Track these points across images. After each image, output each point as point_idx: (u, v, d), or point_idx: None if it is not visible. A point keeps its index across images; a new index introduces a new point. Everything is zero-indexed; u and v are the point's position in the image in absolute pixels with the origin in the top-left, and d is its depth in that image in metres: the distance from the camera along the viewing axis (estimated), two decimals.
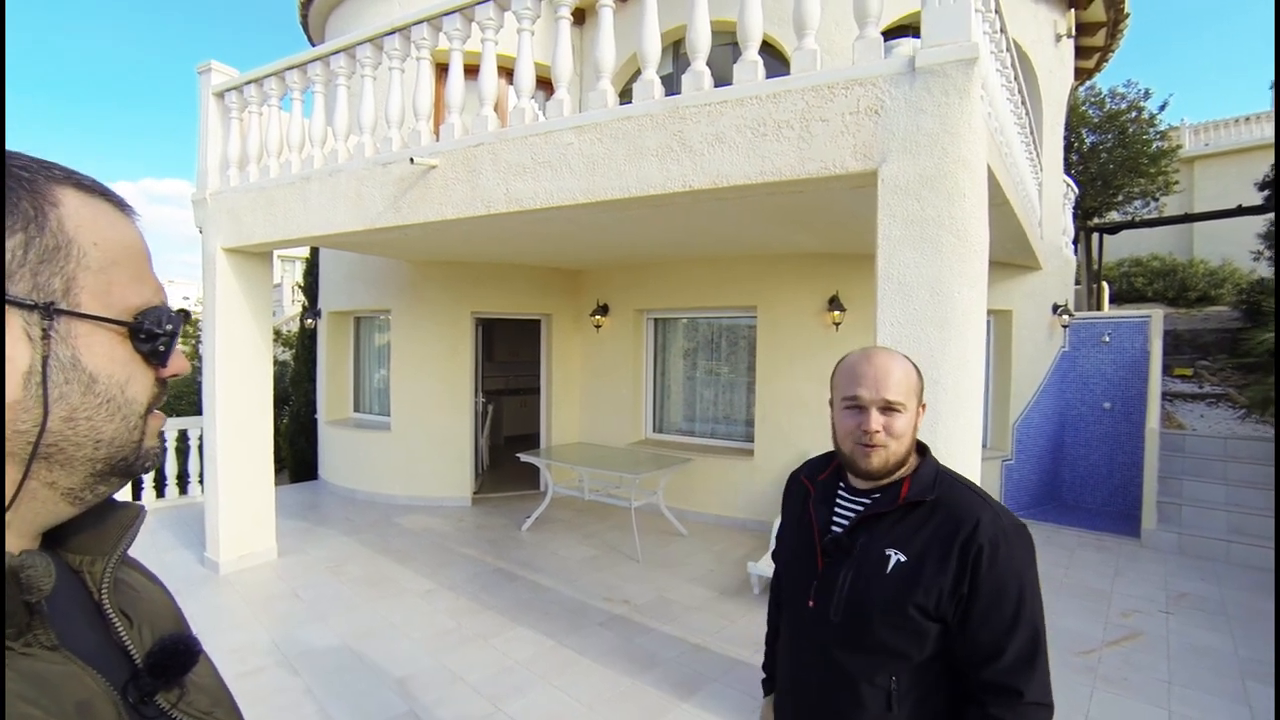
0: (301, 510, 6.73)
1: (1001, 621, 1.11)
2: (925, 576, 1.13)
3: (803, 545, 1.32)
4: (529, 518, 6.12)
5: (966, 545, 1.13)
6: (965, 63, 2.36)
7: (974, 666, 1.13)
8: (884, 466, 1.21)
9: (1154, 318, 6.74)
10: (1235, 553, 5.42)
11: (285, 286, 18.22)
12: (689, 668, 3.53)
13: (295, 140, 4.40)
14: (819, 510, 1.32)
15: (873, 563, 1.19)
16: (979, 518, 1.15)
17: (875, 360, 1.23)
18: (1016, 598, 1.11)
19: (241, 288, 4.86)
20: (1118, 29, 7.59)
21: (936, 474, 1.25)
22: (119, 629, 0.54)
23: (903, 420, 1.20)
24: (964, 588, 1.12)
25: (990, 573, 1.11)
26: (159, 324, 0.53)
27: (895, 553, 1.18)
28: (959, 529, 1.14)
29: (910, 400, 1.22)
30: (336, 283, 7.61)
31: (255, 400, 5.02)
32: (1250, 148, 14.79)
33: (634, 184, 2.98)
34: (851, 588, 1.20)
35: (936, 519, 1.18)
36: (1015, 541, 1.15)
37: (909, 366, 1.25)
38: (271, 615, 4.16)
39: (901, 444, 1.21)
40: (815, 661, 1.26)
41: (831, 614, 1.21)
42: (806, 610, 1.27)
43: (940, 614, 1.13)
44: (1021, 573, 1.14)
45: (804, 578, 1.29)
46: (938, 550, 1.14)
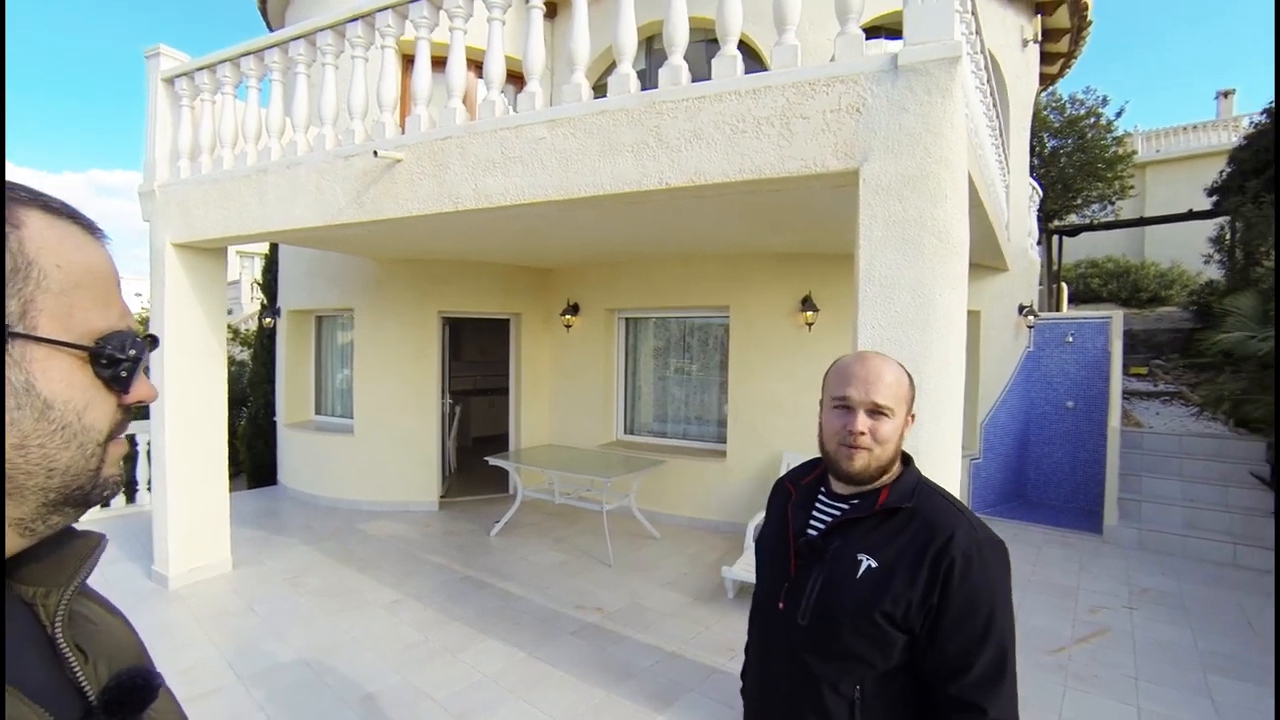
0: (259, 518, 6.46)
1: (970, 636, 1.10)
2: (895, 585, 1.13)
3: (778, 548, 1.32)
4: (498, 523, 5.97)
5: (939, 557, 1.12)
6: (948, 61, 2.32)
7: (940, 680, 1.12)
8: (866, 470, 1.20)
9: (1114, 319, 6.90)
10: (1191, 547, 5.58)
11: (244, 284, 17.57)
12: (665, 677, 3.45)
13: (251, 130, 4.18)
14: (797, 514, 1.32)
15: (844, 567, 1.18)
16: (954, 530, 1.14)
17: (868, 363, 1.23)
18: (987, 614, 1.10)
19: (193, 284, 4.61)
20: (1081, 35, 7.76)
21: (917, 484, 1.24)
22: (73, 664, 0.53)
23: (889, 425, 1.19)
24: (934, 599, 1.11)
25: (961, 586, 1.10)
26: (121, 349, 0.52)
27: (867, 558, 1.17)
28: (932, 540, 1.14)
29: (899, 407, 1.21)
30: (297, 280, 7.33)
31: (207, 403, 4.78)
32: (1198, 155, 15.36)
33: (609, 181, 2.88)
34: (821, 591, 1.19)
35: (911, 528, 1.17)
36: (989, 556, 1.14)
37: (902, 374, 1.25)
38: (225, 632, 3.94)
39: (886, 450, 1.20)
40: (782, 666, 1.25)
41: (800, 617, 1.20)
42: (776, 613, 1.26)
43: (908, 624, 1.12)
44: (994, 588, 1.12)
45: (776, 581, 1.29)
46: (910, 559, 1.14)
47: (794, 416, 5.74)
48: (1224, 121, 15.93)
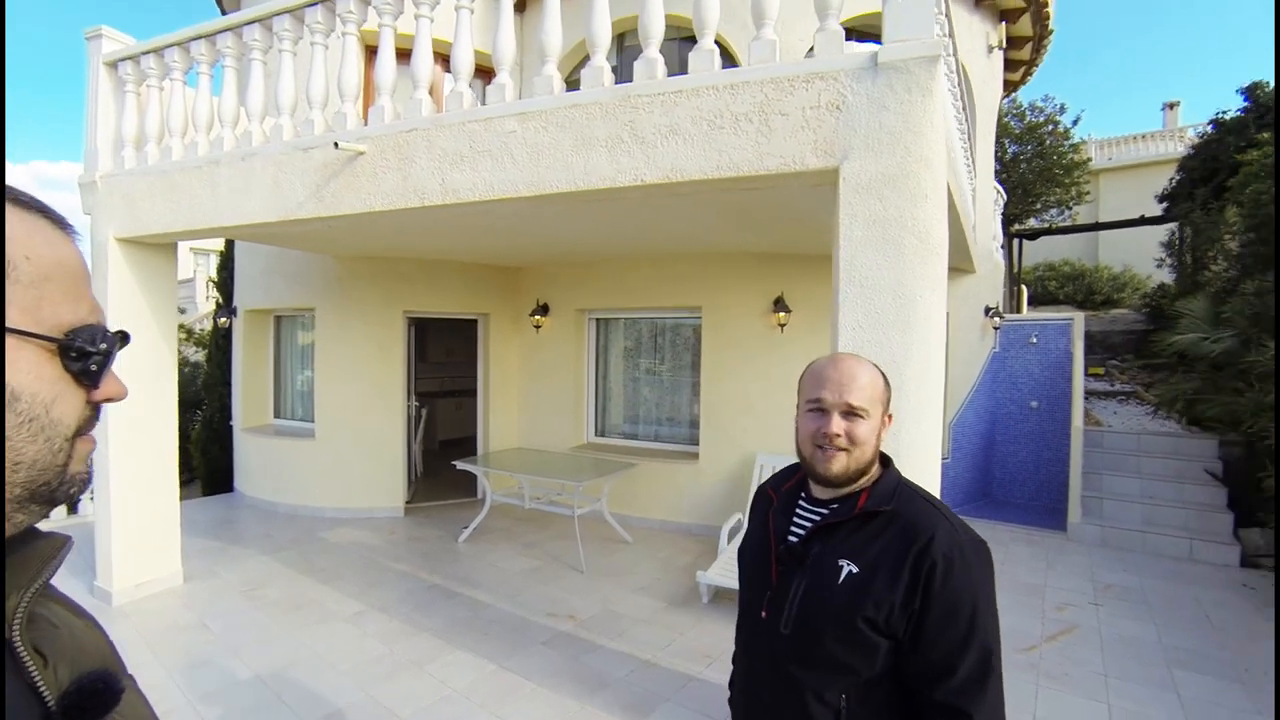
0: (214, 527, 6.17)
1: (953, 640, 1.08)
2: (876, 589, 1.11)
3: (760, 556, 1.30)
4: (466, 528, 5.81)
5: (920, 559, 1.10)
6: (929, 60, 2.29)
7: (925, 685, 1.10)
8: (844, 473, 1.18)
9: (1076, 321, 7.08)
10: (1150, 543, 5.73)
11: (199, 282, 16.92)
12: (640, 687, 3.37)
13: (202, 119, 3.96)
14: (778, 520, 1.30)
15: (825, 573, 1.16)
16: (934, 532, 1.12)
17: (842, 365, 1.22)
18: (969, 615, 1.09)
19: (139, 281, 4.36)
20: (1042, 43, 7.94)
21: (897, 486, 1.22)
22: (30, 668, 0.52)
23: (865, 427, 1.18)
24: (915, 603, 1.09)
25: (944, 589, 1.08)
26: (91, 342, 0.52)
27: (848, 564, 1.15)
28: (913, 542, 1.12)
29: (875, 408, 1.20)
30: (254, 278, 7.03)
31: (156, 407, 4.52)
32: (1147, 163, 15.94)
33: (581, 176, 2.79)
34: (803, 599, 1.17)
35: (892, 531, 1.15)
36: (971, 558, 1.13)
37: (876, 374, 1.24)
38: (174, 650, 3.72)
39: (864, 451, 1.18)
40: (766, 675, 1.23)
41: (783, 625, 1.19)
42: (760, 622, 1.24)
43: (890, 629, 1.10)
44: (976, 590, 1.11)
45: (759, 589, 1.27)
46: (890, 563, 1.12)
47: (766, 418, 5.72)
48: (1170, 132, 16.58)
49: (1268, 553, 5.36)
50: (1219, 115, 9.73)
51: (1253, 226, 7.03)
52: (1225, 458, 6.19)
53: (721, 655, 3.66)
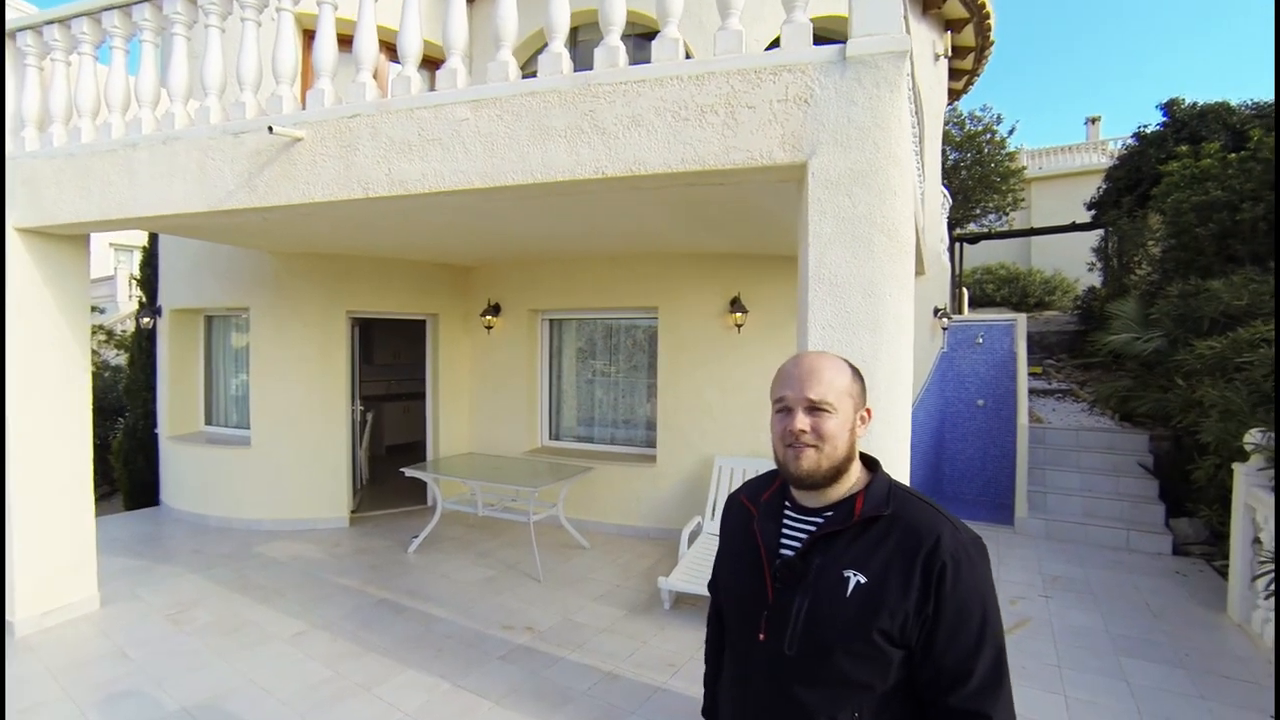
0: (137, 544, 5.71)
1: (967, 643, 1.05)
2: (889, 598, 1.06)
3: (749, 573, 1.20)
4: (416, 538, 5.54)
5: (929, 562, 1.06)
6: (897, 55, 2.25)
7: (940, 692, 1.06)
8: (815, 470, 1.13)
9: (1019, 322, 7.33)
10: (1091, 534, 5.96)
11: (120, 279, 15.83)
12: (603, 700, 3.24)
13: (117, 99, 3.62)
14: (766, 532, 1.21)
15: (830, 586, 1.10)
16: (939, 533, 1.08)
17: (804, 361, 1.18)
18: (981, 617, 1.06)
19: (45, 278, 3.96)
20: (983, 54, 8.21)
21: (890, 488, 1.17)
22: None
23: (833, 422, 1.13)
24: (929, 608, 1.05)
25: (954, 591, 1.05)
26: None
27: (854, 574, 1.09)
28: (920, 545, 1.07)
29: (842, 402, 1.15)
30: (181, 275, 6.55)
31: (67, 417, 4.12)
32: (1074, 173, 16.81)
33: (539, 169, 2.64)
34: (809, 616, 1.10)
35: (895, 535, 1.10)
36: (976, 557, 1.10)
37: (842, 368, 1.19)
38: (87, 685, 3.37)
39: (835, 448, 1.13)
40: (769, 701, 1.15)
41: (786, 647, 1.11)
42: (756, 645, 1.16)
43: (905, 639, 1.06)
44: (984, 590, 1.08)
45: (752, 609, 1.18)
46: (900, 568, 1.07)
47: (724, 419, 5.68)
48: (1093, 144, 17.58)
49: (1196, 541, 5.64)
50: (1141, 129, 10.30)
51: (1174, 233, 7.45)
52: (1156, 451, 6.51)
53: (686, 663, 3.57)
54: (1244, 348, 4.87)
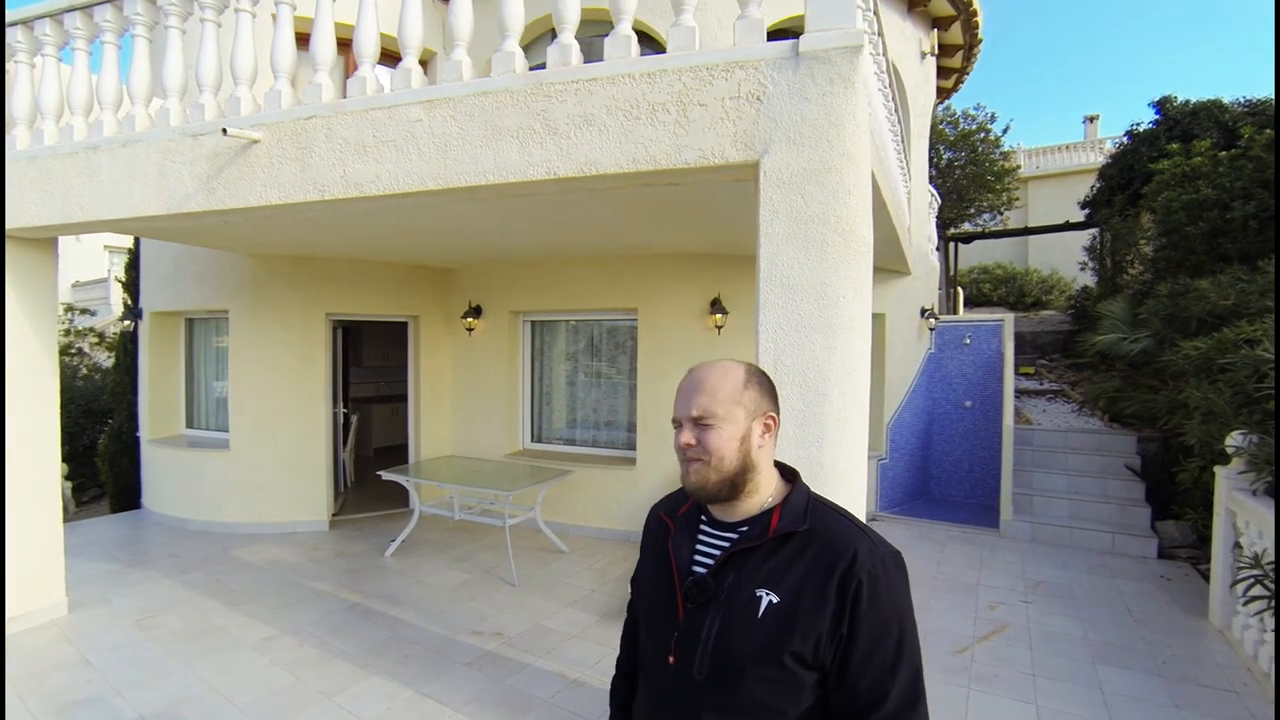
0: (114, 548, 5.67)
1: (884, 664, 1.00)
2: (802, 619, 1.00)
3: (661, 591, 1.16)
4: (393, 541, 5.50)
5: (845, 580, 1.01)
6: (850, 50, 2.20)
7: (854, 716, 1.01)
8: (704, 485, 1.08)
9: (1006, 322, 7.26)
10: (1077, 537, 5.90)
11: (113, 282, 15.83)
12: (566, 709, 3.19)
13: (79, 101, 3.58)
14: (679, 549, 1.16)
15: (742, 606, 1.04)
16: (856, 549, 1.03)
17: (693, 374, 1.13)
18: (898, 636, 1.01)
19: (12, 282, 3.91)
20: (972, 52, 8.15)
21: (808, 502, 1.12)
22: None
23: (717, 435, 1.06)
24: (843, 628, 1.00)
25: (871, 610, 1.00)
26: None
27: (767, 593, 1.04)
28: (837, 562, 1.02)
29: (729, 411, 1.07)
30: (161, 278, 6.52)
31: (34, 423, 4.08)
32: (1071, 172, 16.74)
33: (491, 169, 2.60)
34: (718, 638, 1.05)
35: (811, 552, 1.05)
36: (894, 573, 1.05)
37: (731, 376, 1.11)
38: (46, 692, 3.33)
39: (722, 460, 1.07)
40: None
41: (696, 671, 1.06)
42: (666, 669, 1.10)
43: (819, 660, 1.01)
44: (902, 608, 1.04)
45: (663, 630, 1.13)
46: (814, 587, 1.02)
47: None
48: (1091, 142, 17.49)
49: (1183, 544, 5.58)
50: (1134, 127, 10.23)
51: (1164, 232, 7.38)
52: (1143, 453, 6.44)
53: None
54: (1229, 348, 4.80)
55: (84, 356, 11.92)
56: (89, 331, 12.27)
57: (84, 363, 11.74)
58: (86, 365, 11.68)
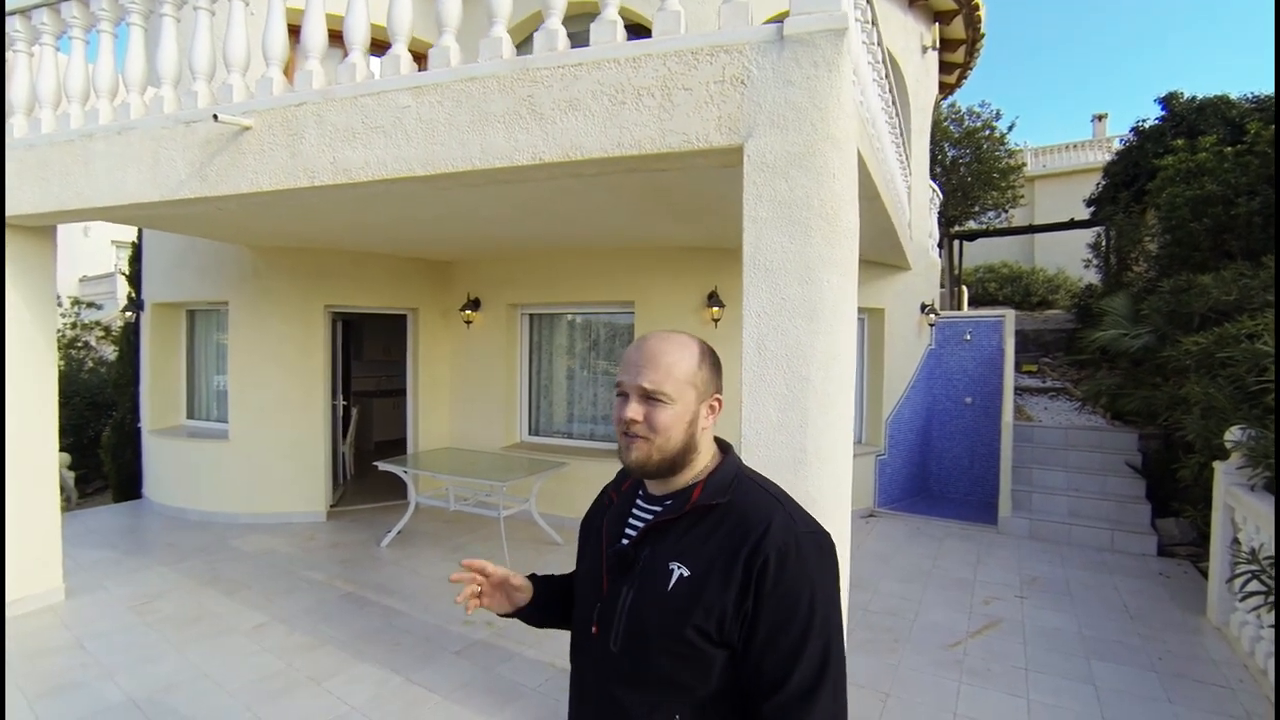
0: (114, 537, 5.71)
1: (788, 643, 0.96)
2: (707, 593, 0.98)
3: (591, 563, 1.17)
4: (389, 532, 5.52)
5: (752, 555, 0.97)
6: (834, 33, 2.19)
7: (756, 697, 0.98)
8: (645, 462, 1.05)
9: (1007, 318, 7.21)
10: (1075, 534, 5.85)
11: (118, 277, 15.94)
12: (553, 697, 3.19)
13: (76, 89, 3.61)
14: (612, 523, 1.16)
15: (655, 579, 1.03)
16: (769, 523, 1.00)
17: (646, 345, 1.08)
18: (806, 615, 0.96)
19: (11, 273, 3.95)
20: (975, 47, 8.10)
21: (735, 476, 1.09)
22: None
23: (667, 413, 1.04)
24: (748, 604, 0.97)
25: (776, 588, 0.96)
26: None
27: (679, 566, 1.02)
28: (747, 537, 0.99)
29: (682, 392, 1.05)
30: (162, 269, 6.57)
31: (33, 412, 4.12)
32: (1079, 170, 16.61)
33: (478, 155, 2.60)
34: (631, 609, 1.04)
35: (725, 526, 1.03)
36: (810, 550, 1.00)
37: (687, 353, 1.07)
38: (39, 675, 3.36)
39: (668, 440, 1.04)
40: (594, 700, 1.10)
41: (612, 642, 1.06)
42: (591, 639, 1.10)
43: (724, 638, 0.98)
44: (814, 586, 0.98)
45: (590, 600, 1.14)
46: (722, 562, 0.99)
47: None
48: (1099, 141, 17.33)
49: (1183, 541, 5.53)
50: (1139, 123, 10.13)
51: (1169, 228, 7.31)
52: (1144, 450, 6.38)
53: None
54: (1230, 343, 4.75)
55: (90, 350, 12.03)
56: (95, 325, 12.37)
57: (90, 356, 11.85)
58: (92, 359, 11.79)
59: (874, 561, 5.24)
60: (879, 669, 3.51)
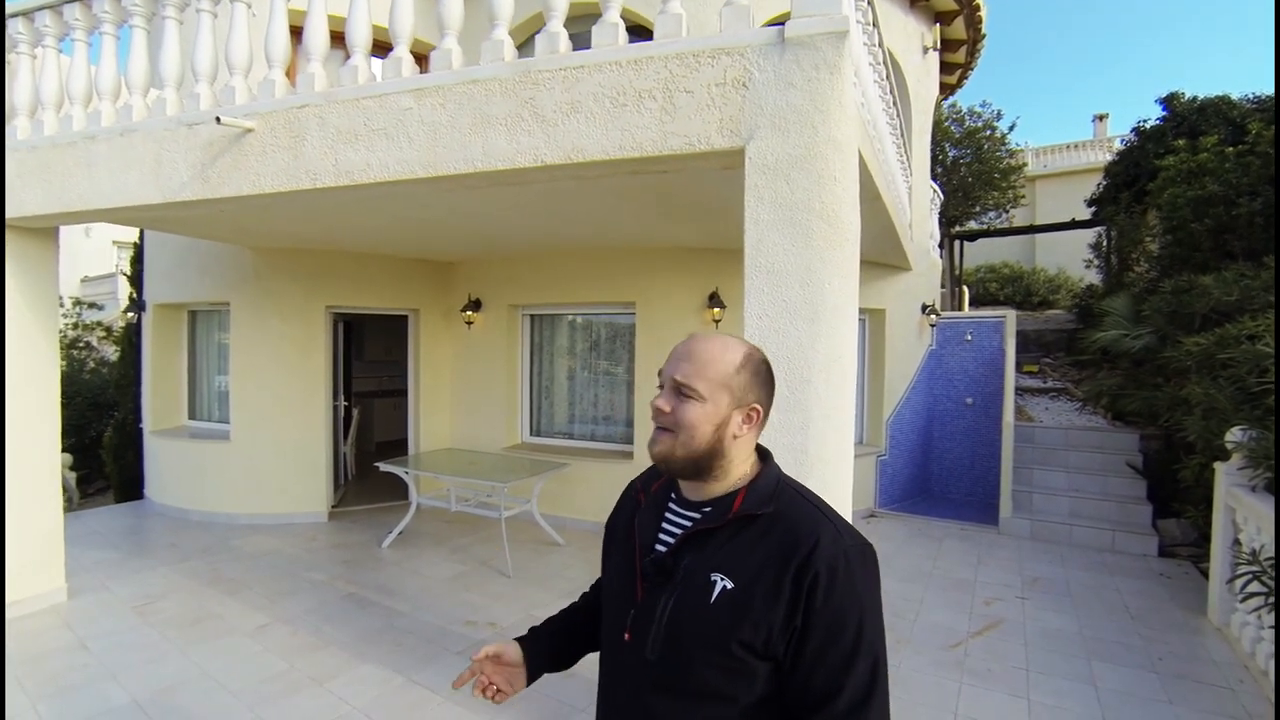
0: (116, 537, 5.72)
1: (838, 659, 0.95)
2: (755, 608, 0.96)
3: (624, 568, 1.13)
4: (391, 533, 5.53)
5: (802, 571, 0.96)
6: (835, 36, 2.19)
7: (805, 710, 0.97)
8: (667, 456, 1.03)
9: (1008, 318, 7.21)
10: (1076, 535, 5.86)
11: (120, 278, 15.96)
12: (554, 698, 3.20)
13: (78, 91, 3.62)
14: (644, 526, 1.13)
15: (696, 590, 1.01)
16: (818, 537, 0.98)
17: (691, 340, 1.07)
18: (856, 630, 0.96)
19: (13, 273, 3.96)
20: (976, 47, 8.10)
21: (777, 485, 1.06)
22: None
23: (695, 411, 1.01)
24: (797, 620, 0.95)
25: (827, 604, 0.95)
26: None
27: (722, 579, 0.99)
28: (795, 551, 0.97)
29: (716, 393, 1.01)
30: (164, 270, 6.58)
31: (35, 413, 4.13)
32: (1080, 170, 16.59)
33: (479, 157, 2.60)
34: (671, 620, 1.02)
35: (771, 539, 1.00)
36: (857, 565, 0.99)
37: (730, 355, 1.04)
38: (43, 675, 3.36)
39: (692, 438, 1.01)
40: (628, 708, 1.08)
41: (649, 651, 1.03)
42: (622, 645, 1.08)
43: (770, 651, 0.97)
44: (862, 601, 0.98)
45: (621, 607, 1.11)
46: (771, 575, 0.97)
47: None
48: (1099, 141, 17.30)
49: (1184, 542, 5.53)
50: (1140, 124, 10.13)
51: (1170, 229, 7.31)
52: (1145, 451, 6.38)
53: None
54: (1230, 343, 4.76)
55: (92, 351, 12.05)
56: (97, 325, 12.39)
57: (92, 357, 11.87)
58: (94, 359, 11.81)
59: None
60: None
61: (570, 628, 1.33)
